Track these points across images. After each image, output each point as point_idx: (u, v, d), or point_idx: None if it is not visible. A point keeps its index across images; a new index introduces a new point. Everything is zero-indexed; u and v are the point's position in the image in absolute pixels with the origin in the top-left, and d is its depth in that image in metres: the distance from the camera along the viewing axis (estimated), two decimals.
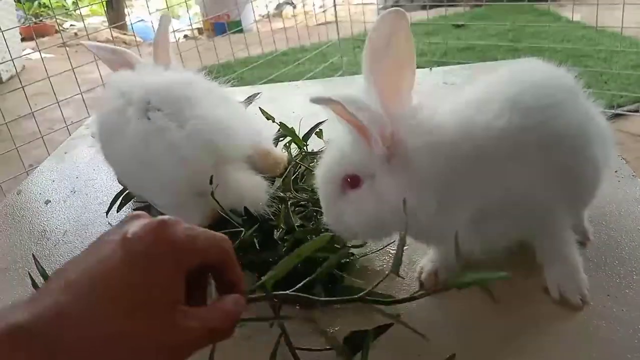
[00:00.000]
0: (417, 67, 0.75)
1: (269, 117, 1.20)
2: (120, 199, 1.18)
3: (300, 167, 1.10)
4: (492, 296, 0.65)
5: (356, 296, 0.74)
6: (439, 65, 1.92)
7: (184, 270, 0.53)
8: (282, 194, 0.97)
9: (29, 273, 0.94)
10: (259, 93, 1.43)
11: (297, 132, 1.16)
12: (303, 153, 1.14)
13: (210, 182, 0.92)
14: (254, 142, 1.07)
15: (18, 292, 1.01)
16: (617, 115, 3.26)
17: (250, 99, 1.38)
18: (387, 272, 0.91)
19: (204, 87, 1.07)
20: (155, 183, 1.00)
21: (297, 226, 0.90)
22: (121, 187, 1.21)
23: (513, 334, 0.79)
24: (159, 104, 0.99)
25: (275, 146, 1.18)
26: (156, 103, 1.00)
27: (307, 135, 1.14)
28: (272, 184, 1.03)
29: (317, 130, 1.14)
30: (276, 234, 0.88)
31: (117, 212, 1.19)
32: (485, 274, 0.65)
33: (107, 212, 1.19)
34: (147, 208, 1.08)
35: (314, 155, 1.13)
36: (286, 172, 1.06)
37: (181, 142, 0.96)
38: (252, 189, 0.98)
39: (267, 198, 0.97)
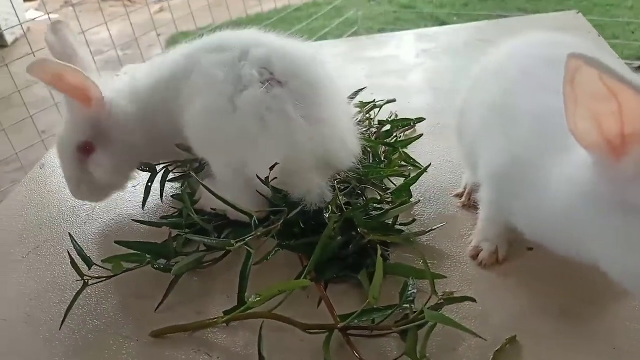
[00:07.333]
0: (439, 20, 0.69)
1: None
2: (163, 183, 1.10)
3: None
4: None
5: None
6: (459, 17, 1.82)
7: None
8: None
9: (68, 252, 0.91)
10: None
11: None
12: None
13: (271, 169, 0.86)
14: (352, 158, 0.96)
15: (54, 273, 0.98)
16: None
17: None
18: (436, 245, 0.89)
19: (327, 72, 0.97)
20: (236, 153, 0.90)
21: (344, 204, 0.86)
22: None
23: (572, 315, 0.75)
24: (282, 76, 0.89)
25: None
26: (279, 72, 0.90)
27: None
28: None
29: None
30: (326, 214, 0.84)
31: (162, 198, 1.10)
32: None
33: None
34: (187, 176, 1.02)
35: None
36: None
37: (297, 142, 0.87)
38: (312, 193, 0.89)
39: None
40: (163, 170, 1.09)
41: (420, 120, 1.22)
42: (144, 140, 1.02)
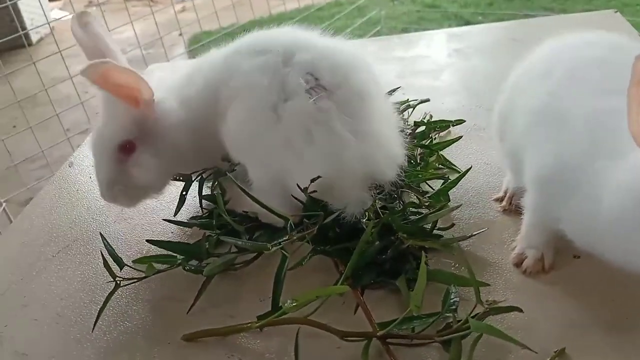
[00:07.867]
0: (464, 19, 0.66)
1: None
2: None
3: None
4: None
5: None
6: (484, 16, 1.78)
7: None
8: None
9: (101, 252, 0.90)
10: None
11: None
12: None
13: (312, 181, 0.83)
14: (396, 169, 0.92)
15: (84, 273, 0.97)
16: None
17: None
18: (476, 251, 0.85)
19: (372, 74, 0.93)
20: (278, 162, 0.87)
21: (380, 208, 0.83)
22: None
23: (623, 327, 0.72)
24: (329, 83, 0.85)
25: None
26: (325, 78, 0.86)
27: None
28: None
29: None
30: (362, 220, 0.81)
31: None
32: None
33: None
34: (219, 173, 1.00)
35: None
36: None
37: (344, 159, 0.83)
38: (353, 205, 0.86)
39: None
40: (199, 179, 1.05)
41: (460, 122, 1.18)
42: (188, 146, 0.98)
